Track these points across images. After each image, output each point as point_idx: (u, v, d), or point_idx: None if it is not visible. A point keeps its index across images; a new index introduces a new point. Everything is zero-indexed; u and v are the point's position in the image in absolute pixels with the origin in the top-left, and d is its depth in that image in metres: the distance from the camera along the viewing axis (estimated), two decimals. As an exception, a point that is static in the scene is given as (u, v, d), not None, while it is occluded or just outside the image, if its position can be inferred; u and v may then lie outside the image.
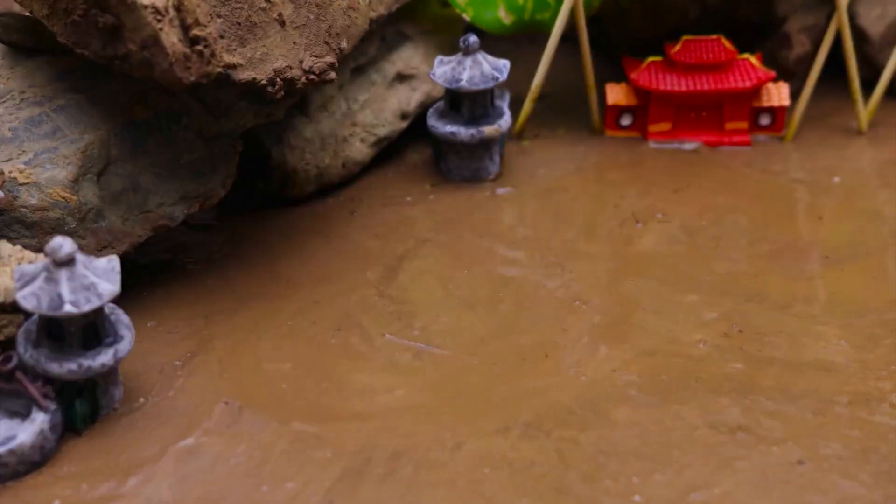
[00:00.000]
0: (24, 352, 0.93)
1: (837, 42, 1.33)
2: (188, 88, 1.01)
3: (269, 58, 1.04)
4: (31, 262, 0.96)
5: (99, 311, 0.93)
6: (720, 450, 0.93)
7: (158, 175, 1.08)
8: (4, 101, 1.06)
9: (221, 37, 1.00)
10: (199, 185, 1.10)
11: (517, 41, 1.45)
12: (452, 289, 1.11)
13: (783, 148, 1.34)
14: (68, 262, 0.91)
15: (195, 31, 0.98)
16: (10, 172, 1.02)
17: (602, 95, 1.35)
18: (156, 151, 1.08)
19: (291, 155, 1.22)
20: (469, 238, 1.10)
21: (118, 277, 0.93)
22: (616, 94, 1.34)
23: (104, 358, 0.93)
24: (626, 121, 1.35)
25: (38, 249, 1.01)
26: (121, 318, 0.96)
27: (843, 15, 1.32)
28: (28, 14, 1.08)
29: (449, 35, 1.35)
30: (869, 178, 1.29)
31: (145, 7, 0.95)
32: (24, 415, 0.93)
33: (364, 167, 1.28)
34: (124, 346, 0.95)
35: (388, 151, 1.31)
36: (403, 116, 1.31)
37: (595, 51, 1.33)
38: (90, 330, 0.93)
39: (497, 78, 1.24)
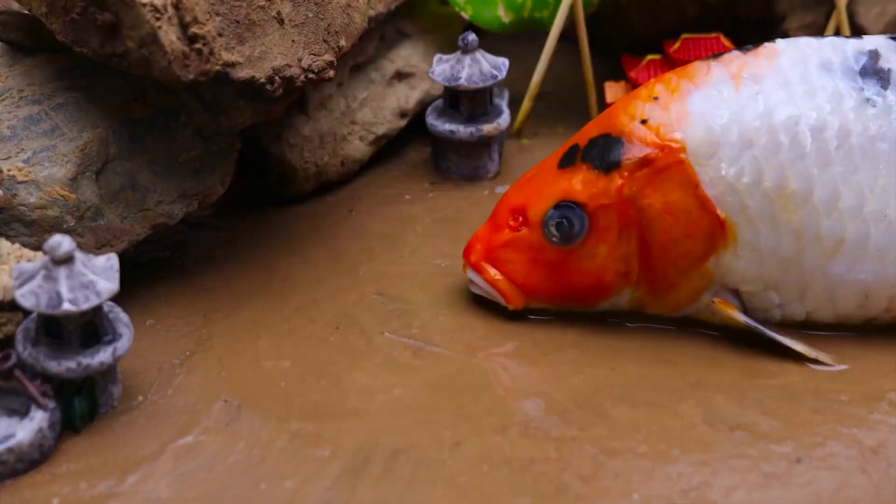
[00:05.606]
0: (23, 350, 0.93)
1: (836, 40, 1.33)
2: (187, 86, 1.01)
3: (267, 56, 1.04)
4: (29, 261, 0.96)
5: (98, 310, 0.93)
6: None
7: (157, 173, 1.08)
8: (3, 100, 1.06)
9: (220, 35, 1.00)
10: (197, 183, 1.10)
11: (516, 39, 1.45)
12: (452, 287, 1.11)
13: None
14: (67, 260, 0.90)
15: (194, 29, 0.97)
16: (9, 170, 1.02)
17: (601, 94, 1.35)
18: (154, 149, 1.07)
19: (290, 153, 1.22)
20: (468, 236, 1.10)
21: (117, 275, 0.93)
22: (615, 92, 1.33)
23: (103, 356, 0.93)
24: (625, 119, 1.34)
25: (37, 247, 1.01)
26: (119, 316, 0.96)
27: (842, 13, 1.32)
28: (27, 12, 1.08)
29: (448, 33, 1.35)
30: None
31: (144, 5, 0.95)
32: (22, 413, 0.93)
33: (363, 165, 1.28)
34: (123, 344, 0.95)
35: (387, 150, 1.31)
36: (402, 115, 1.31)
37: (594, 49, 1.32)
38: (89, 328, 0.93)
39: (496, 76, 1.24)
